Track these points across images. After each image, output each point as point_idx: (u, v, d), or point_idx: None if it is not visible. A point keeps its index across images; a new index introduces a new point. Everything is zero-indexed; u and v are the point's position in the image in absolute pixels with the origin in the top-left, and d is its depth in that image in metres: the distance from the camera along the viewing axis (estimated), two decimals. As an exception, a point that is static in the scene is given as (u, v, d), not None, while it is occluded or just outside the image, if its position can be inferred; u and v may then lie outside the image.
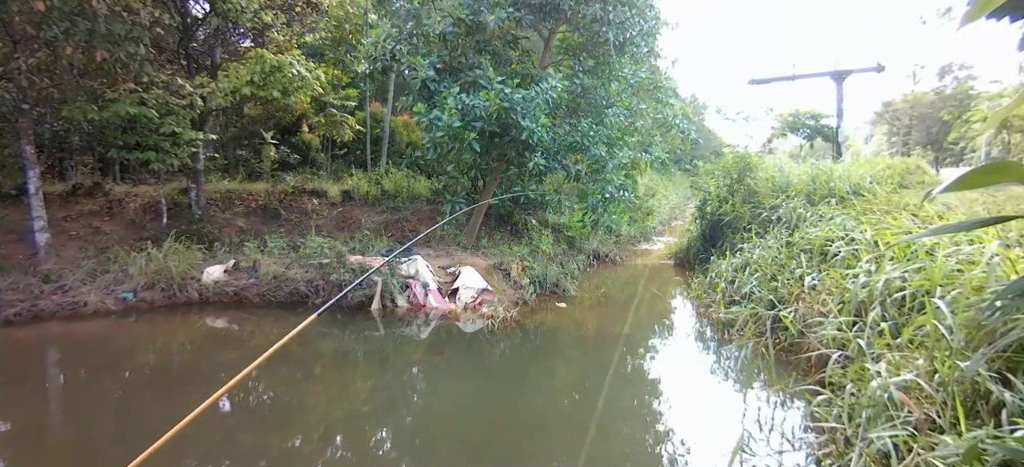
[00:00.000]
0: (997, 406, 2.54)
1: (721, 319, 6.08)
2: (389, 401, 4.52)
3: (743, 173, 9.12)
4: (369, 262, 7.48)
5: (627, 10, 8.38)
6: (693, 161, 20.02)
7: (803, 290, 5.30)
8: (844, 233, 5.63)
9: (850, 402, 3.22)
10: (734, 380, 4.82)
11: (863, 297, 4.25)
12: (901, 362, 3.25)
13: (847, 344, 3.96)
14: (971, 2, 1.34)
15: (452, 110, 7.46)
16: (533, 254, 8.87)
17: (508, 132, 7.90)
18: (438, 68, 8.35)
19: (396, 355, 5.77)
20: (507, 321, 6.45)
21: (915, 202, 6.10)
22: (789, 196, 7.69)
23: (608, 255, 11.13)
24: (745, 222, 8.23)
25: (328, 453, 3.68)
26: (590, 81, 8.85)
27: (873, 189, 7.14)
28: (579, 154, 8.96)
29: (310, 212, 10.45)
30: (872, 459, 2.73)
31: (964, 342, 2.93)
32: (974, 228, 3.58)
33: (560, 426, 4.03)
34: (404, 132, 14.37)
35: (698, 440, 3.67)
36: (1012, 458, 2.12)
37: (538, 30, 9.31)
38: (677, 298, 8.22)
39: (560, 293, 8.15)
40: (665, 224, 16.67)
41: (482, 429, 4.01)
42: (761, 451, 3.39)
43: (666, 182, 22.33)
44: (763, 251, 6.73)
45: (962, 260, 3.83)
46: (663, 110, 11.12)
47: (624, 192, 9.46)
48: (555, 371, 5.42)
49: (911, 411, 2.80)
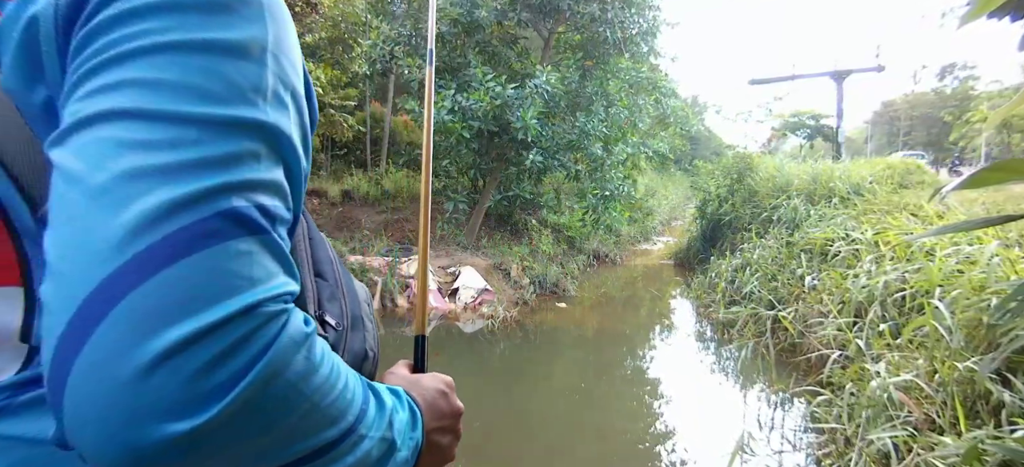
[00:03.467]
0: (997, 406, 2.54)
1: (721, 319, 6.08)
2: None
3: (743, 173, 9.12)
4: (369, 262, 7.48)
5: (626, 9, 8.38)
6: (693, 161, 20.02)
7: (803, 290, 5.30)
8: (844, 233, 5.63)
9: (850, 402, 3.22)
10: (734, 380, 4.82)
11: (863, 297, 4.25)
12: (901, 362, 3.25)
13: (847, 344, 3.96)
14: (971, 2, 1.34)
15: (442, 106, 7.44)
16: (533, 254, 8.87)
17: (507, 131, 7.90)
18: (436, 67, 8.36)
19: (396, 355, 5.74)
20: (507, 321, 6.44)
21: (915, 202, 6.10)
22: (789, 196, 7.69)
23: (608, 255, 11.13)
24: (745, 222, 8.23)
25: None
26: (589, 81, 8.85)
27: (873, 189, 7.14)
28: (578, 152, 8.96)
29: (310, 212, 10.40)
30: (872, 459, 2.73)
31: (964, 342, 2.94)
32: (974, 228, 3.57)
33: (560, 426, 4.02)
34: (404, 132, 14.36)
35: (698, 440, 3.67)
36: (1012, 458, 2.11)
37: (537, 29, 9.31)
38: (677, 298, 8.22)
39: (560, 293, 8.15)
40: (665, 224, 16.68)
41: (482, 429, 4.01)
42: (761, 451, 3.39)
43: (666, 182, 22.35)
44: (763, 251, 6.73)
45: (962, 260, 3.83)
46: (662, 107, 11.11)
47: (623, 189, 9.45)
48: (555, 371, 5.42)
49: (911, 411, 2.80)
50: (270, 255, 0.34)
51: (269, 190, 0.35)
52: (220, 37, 0.35)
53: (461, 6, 8.14)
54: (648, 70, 10.20)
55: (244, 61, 0.36)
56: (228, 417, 0.29)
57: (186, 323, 0.29)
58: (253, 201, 0.34)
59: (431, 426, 0.53)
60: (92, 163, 0.31)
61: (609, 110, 9.10)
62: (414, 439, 0.49)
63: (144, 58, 0.33)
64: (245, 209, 0.33)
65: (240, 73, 0.35)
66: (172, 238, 0.30)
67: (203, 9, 0.36)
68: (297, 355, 0.34)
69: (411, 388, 0.55)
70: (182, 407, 0.28)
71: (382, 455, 0.43)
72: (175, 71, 0.33)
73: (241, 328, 0.30)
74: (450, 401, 0.59)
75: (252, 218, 0.33)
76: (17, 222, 0.39)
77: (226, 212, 0.32)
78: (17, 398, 0.39)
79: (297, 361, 0.34)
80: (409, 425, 0.48)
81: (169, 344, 0.28)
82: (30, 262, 0.39)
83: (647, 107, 10.27)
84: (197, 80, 0.34)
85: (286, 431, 0.34)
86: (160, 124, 0.32)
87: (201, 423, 0.29)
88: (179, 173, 0.31)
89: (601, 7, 8.23)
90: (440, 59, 8.51)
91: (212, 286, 0.30)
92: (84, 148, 0.32)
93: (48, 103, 0.38)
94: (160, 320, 0.28)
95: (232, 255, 0.31)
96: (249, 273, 0.32)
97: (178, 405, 0.28)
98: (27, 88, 0.38)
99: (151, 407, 0.28)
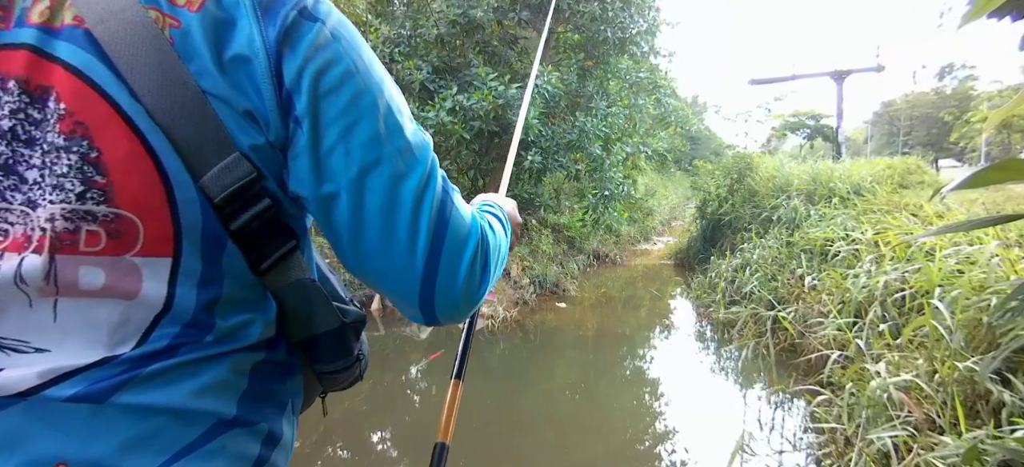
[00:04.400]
0: (997, 406, 2.54)
1: (721, 319, 6.08)
2: (388, 400, 4.52)
3: (743, 173, 9.11)
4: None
5: (626, 9, 8.38)
6: (693, 161, 20.00)
7: (803, 290, 5.30)
8: (844, 233, 5.62)
9: (850, 402, 3.22)
10: (734, 380, 4.82)
11: (863, 297, 4.25)
12: (901, 362, 3.25)
13: (847, 344, 3.96)
14: (971, 2, 1.34)
15: (441, 107, 7.44)
16: (533, 254, 8.87)
17: (507, 131, 7.89)
18: (437, 67, 8.35)
19: (396, 355, 5.77)
20: (507, 321, 6.44)
21: (915, 202, 6.10)
22: (789, 196, 7.69)
23: (608, 255, 11.13)
24: (745, 222, 8.22)
25: (327, 452, 3.68)
26: (589, 81, 8.85)
27: (873, 189, 7.13)
28: (578, 152, 8.96)
29: (310, 212, 10.45)
30: (872, 459, 2.73)
31: (964, 342, 2.93)
32: (974, 228, 3.57)
33: (560, 426, 4.03)
34: (404, 132, 14.36)
35: (698, 440, 3.67)
36: (1012, 458, 2.11)
37: (537, 29, 9.30)
38: (677, 298, 8.22)
39: (560, 293, 8.15)
40: (665, 224, 16.68)
41: (481, 429, 4.01)
42: (761, 451, 3.39)
43: (666, 182, 22.34)
44: (763, 251, 6.73)
45: (962, 260, 3.82)
46: (662, 106, 11.11)
47: (623, 189, 9.45)
48: (555, 371, 5.42)
49: (911, 411, 2.80)
50: (462, 200, 0.62)
51: (439, 167, 0.61)
52: (393, 90, 0.59)
53: (458, 6, 8.13)
54: (648, 70, 10.20)
55: (398, 92, 0.60)
56: (491, 277, 0.64)
57: (465, 255, 0.58)
58: (443, 178, 0.60)
59: (511, 223, 0.85)
60: (385, 194, 0.54)
61: (609, 110, 9.10)
62: (508, 228, 0.80)
63: (374, 115, 0.54)
64: (445, 187, 0.59)
65: (402, 101, 0.60)
66: (439, 218, 0.56)
67: (376, 64, 0.58)
68: (492, 238, 0.65)
69: (503, 202, 0.87)
70: (480, 286, 0.60)
71: (507, 242, 0.77)
72: (393, 118, 0.56)
73: (479, 243, 0.60)
74: (516, 215, 0.92)
75: (447, 189, 0.59)
76: (180, 195, 0.47)
77: (444, 197, 0.58)
78: (142, 371, 0.46)
79: (494, 241, 0.66)
80: (505, 224, 0.78)
81: (466, 268, 0.58)
82: (182, 235, 0.47)
83: (647, 107, 10.26)
84: (403, 121, 0.58)
85: (501, 262, 0.69)
86: (404, 157, 0.56)
87: (487, 286, 0.62)
88: (424, 181, 0.57)
89: (601, 6, 8.22)
90: (440, 59, 8.51)
91: (461, 231, 0.58)
92: (373, 187, 0.53)
93: (250, 113, 0.50)
94: (458, 259, 0.57)
95: (458, 213, 0.58)
96: (464, 215, 0.60)
97: (480, 286, 0.60)
98: (236, 97, 0.49)
99: (473, 293, 0.59)
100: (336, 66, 0.52)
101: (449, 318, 0.59)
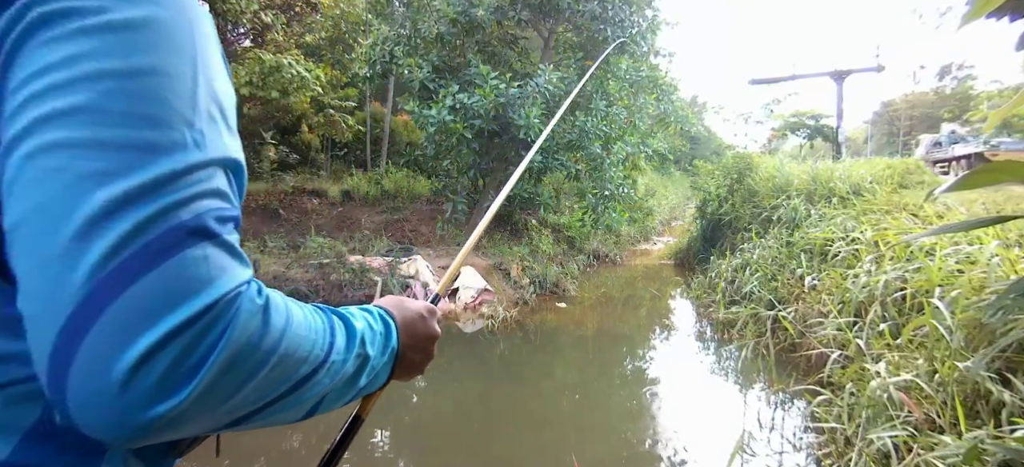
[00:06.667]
0: (997, 406, 2.54)
1: (721, 319, 6.08)
2: (387, 401, 4.52)
3: (743, 173, 9.12)
4: (369, 262, 7.48)
5: (626, 9, 8.38)
6: (693, 161, 20.01)
7: (803, 290, 5.30)
8: (844, 233, 5.62)
9: (850, 402, 3.22)
10: (734, 380, 4.82)
11: (863, 297, 4.25)
12: (901, 362, 3.25)
13: (847, 344, 3.96)
14: (971, 2, 1.34)
15: (443, 104, 7.44)
16: (533, 254, 8.87)
17: (507, 130, 7.90)
18: (437, 67, 8.36)
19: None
20: (507, 321, 6.44)
21: (915, 202, 6.10)
22: (789, 196, 7.69)
23: (608, 255, 11.13)
24: (745, 222, 8.23)
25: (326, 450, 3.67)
26: (589, 80, 8.84)
27: (873, 189, 7.13)
28: (578, 152, 8.97)
29: (310, 212, 10.45)
30: (872, 459, 2.73)
31: (964, 342, 2.93)
32: (974, 228, 3.57)
33: (560, 426, 4.02)
34: (404, 132, 14.37)
35: (698, 440, 3.67)
36: (1012, 458, 2.11)
37: (537, 29, 9.31)
38: (677, 298, 8.22)
39: (560, 293, 8.15)
40: (665, 224, 16.68)
41: (481, 429, 4.01)
42: (761, 451, 3.39)
43: (666, 182, 22.35)
44: (763, 251, 6.73)
45: (962, 260, 3.82)
46: (662, 106, 11.10)
47: (623, 189, 9.45)
48: (555, 371, 5.42)
49: (911, 411, 2.80)
50: (224, 252, 0.38)
51: (214, 196, 0.39)
52: (150, 63, 0.38)
53: (458, 5, 8.14)
54: (648, 69, 10.21)
55: (176, 81, 0.39)
56: (200, 393, 0.36)
57: (155, 329, 0.34)
58: (200, 210, 0.38)
59: (406, 342, 0.60)
60: (51, 197, 0.34)
61: (609, 109, 9.11)
62: (390, 348, 0.57)
63: (86, 86, 0.36)
64: (193, 220, 0.37)
65: (173, 93, 0.39)
66: (138, 254, 0.34)
67: (133, 28, 0.38)
68: (253, 326, 0.38)
69: (394, 308, 0.62)
70: (162, 394, 0.34)
71: (358, 368, 0.51)
72: (118, 100, 0.36)
73: (200, 322, 0.35)
74: (428, 324, 0.65)
75: (202, 226, 0.37)
76: None
77: (177, 227, 0.36)
78: None
79: (255, 332, 0.38)
80: (384, 337, 0.56)
81: (143, 349, 0.34)
82: None
83: (647, 106, 10.27)
84: (136, 107, 0.37)
85: (262, 383, 0.40)
86: (109, 152, 0.35)
87: (178, 402, 0.35)
88: (128, 201, 0.35)
89: (601, 6, 8.23)
90: (440, 58, 8.51)
91: (173, 292, 0.35)
92: (42, 179, 0.34)
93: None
94: (133, 330, 0.34)
95: (189, 262, 0.36)
96: (206, 274, 0.37)
97: (159, 394, 0.34)
98: None
99: (138, 399, 0.34)
100: None
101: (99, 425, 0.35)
